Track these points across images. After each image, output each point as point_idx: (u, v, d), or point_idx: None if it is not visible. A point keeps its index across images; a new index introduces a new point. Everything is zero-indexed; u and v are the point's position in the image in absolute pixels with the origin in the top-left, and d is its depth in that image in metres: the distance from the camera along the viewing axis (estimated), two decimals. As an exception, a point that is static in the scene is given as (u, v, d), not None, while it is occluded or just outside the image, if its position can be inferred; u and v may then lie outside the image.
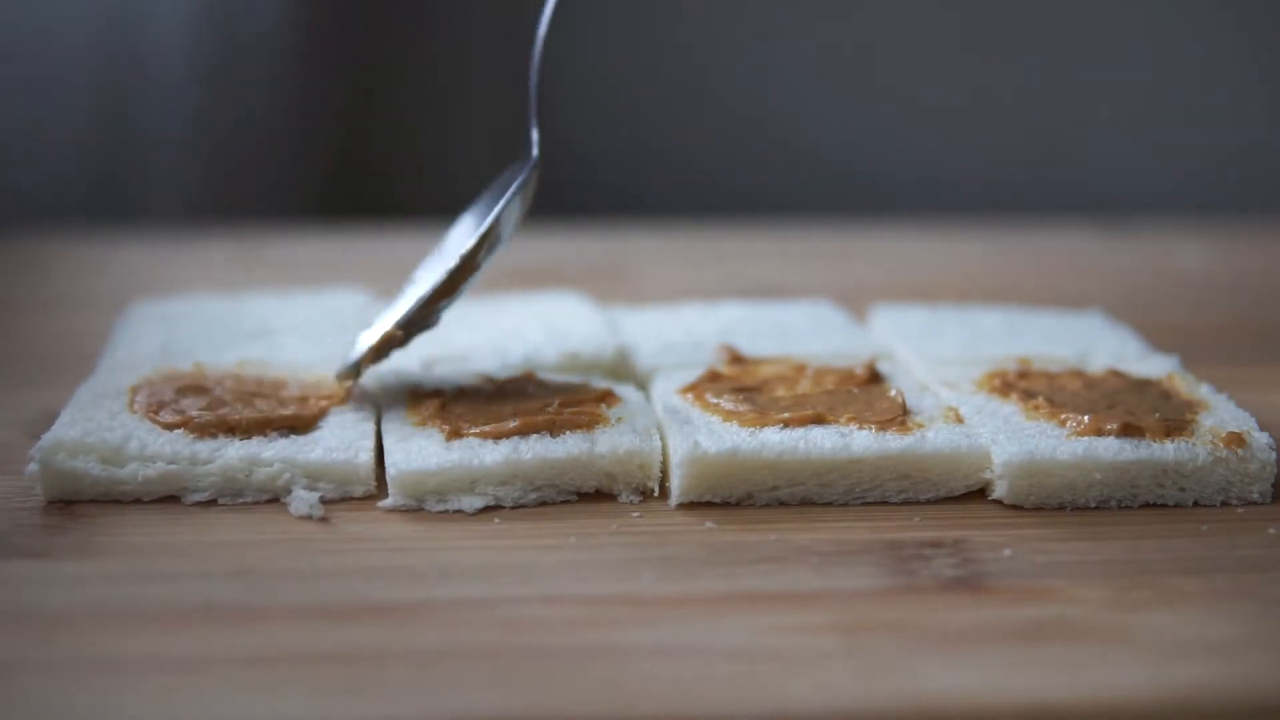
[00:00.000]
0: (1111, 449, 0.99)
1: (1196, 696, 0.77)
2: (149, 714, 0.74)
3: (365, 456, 0.99)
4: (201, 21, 2.26)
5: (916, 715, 0.75)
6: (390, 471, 0.97)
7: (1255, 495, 1.00)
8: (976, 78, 2.58)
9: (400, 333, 1.05)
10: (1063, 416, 1.02)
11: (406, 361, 1.16)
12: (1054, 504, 0.98)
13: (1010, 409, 1.05)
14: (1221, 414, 1.05)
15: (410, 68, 2.57)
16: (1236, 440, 1.00)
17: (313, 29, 2.44)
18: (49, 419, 1.02)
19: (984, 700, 0.76)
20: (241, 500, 0.97)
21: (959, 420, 1.03)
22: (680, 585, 0.87)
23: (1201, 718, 0.76)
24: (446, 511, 0.96)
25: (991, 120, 2.60)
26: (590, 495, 0.99)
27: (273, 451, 0.98)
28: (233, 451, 0.98)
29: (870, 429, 1.01)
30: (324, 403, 1.05)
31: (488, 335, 1.22)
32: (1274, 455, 1.00)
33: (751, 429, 1.00)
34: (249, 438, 1.00)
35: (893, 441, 0.99)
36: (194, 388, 1.06)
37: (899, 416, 1.03)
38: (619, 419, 1.03)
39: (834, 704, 0.76)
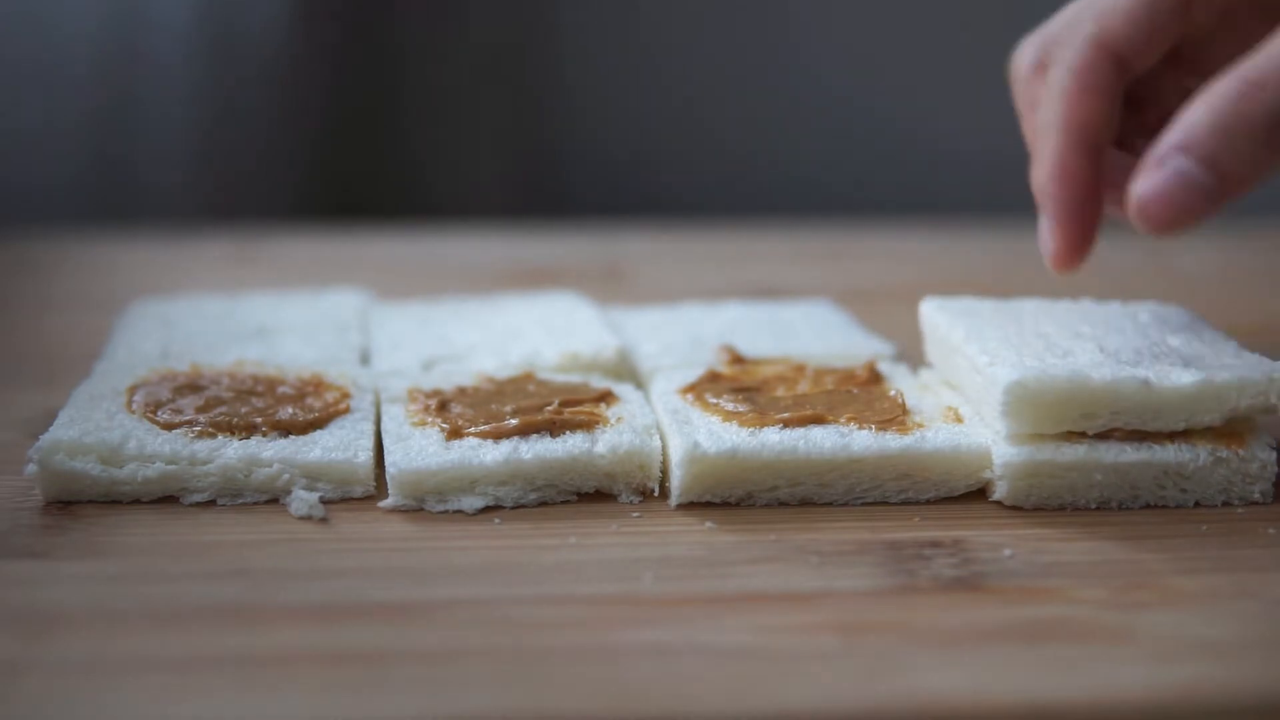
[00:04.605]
0: (1112, 450, 0.98)
1: (1196, 696, 0.77)
2: (148, 714, 0.73)
3: (364, 456, 0.99)
4: (201, 22, 2.27)
5: (916, 715, 0.75)
6: (390, 471, 0.97)
7: (1255, 495, 1.00)
8: (976, 77, 2.58)
9: None
10: (1063, 417, 1.02)
11: (406, 361, 1.16)
12: (1054, 505, 0.98)
13: (1010, 409, 1.05)
14: (1221, 414, 1.05)
15: (411, 68, 2.57)
16: (1237, 440, 1.00)
17: (312, 29, 2.44)
18: (49, 419, 1.01)
19: (983, 700, 0.76)
20: (241, 501, 0.97)
21: (959, 420, 1.03)
22: (680, 585, 0.87)
23: (1201, 718, 0.76)
24: (446, 511, 0.96)
25: (991, 120, 2.59)
26: (590, 495, 0.99)
27: (272, 452, 0.98)
28: (231, 452, 0.98)
29: (870, 429, 1.01)
30: (326, 409, 1.05)
31: (488, 335, 1.22)
32: (1274, 455, 1.00)
33: (751, 429, 1.00)
34: (248, 438, 1.00)
35: (892, 441, 0.99)
36: (190, 387, 1.06)
37: (899, 416, 1.03)
38: (619, 419, 1.03)
39: (834, 704, 0.76)
